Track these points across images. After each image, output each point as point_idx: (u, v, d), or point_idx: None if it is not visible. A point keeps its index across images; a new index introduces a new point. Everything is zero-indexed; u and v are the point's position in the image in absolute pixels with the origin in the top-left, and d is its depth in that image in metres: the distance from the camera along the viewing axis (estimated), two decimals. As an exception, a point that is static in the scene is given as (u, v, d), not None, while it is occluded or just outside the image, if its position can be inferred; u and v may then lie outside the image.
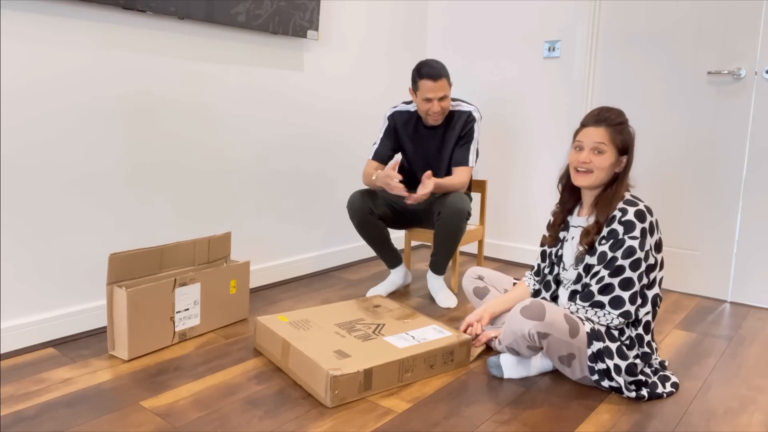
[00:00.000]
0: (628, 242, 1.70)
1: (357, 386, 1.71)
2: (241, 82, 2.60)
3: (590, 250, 1.80)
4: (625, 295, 1.71)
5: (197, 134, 2.47)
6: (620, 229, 1.71)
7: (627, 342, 1.75)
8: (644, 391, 1.74)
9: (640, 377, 1.74)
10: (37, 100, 1.98)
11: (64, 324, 2.13)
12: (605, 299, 1.73)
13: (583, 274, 1.82)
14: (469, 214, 2.47)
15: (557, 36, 3.11)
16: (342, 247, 3.26)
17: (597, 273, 1.75)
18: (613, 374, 1.71)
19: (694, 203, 2.81)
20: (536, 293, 2.03)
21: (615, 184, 1.81)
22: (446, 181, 2.49)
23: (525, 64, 3.25)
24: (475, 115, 2.56)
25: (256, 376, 1.87)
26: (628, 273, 1.70)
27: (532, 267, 2.10)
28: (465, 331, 2.01)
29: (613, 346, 1.72)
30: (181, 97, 2.39)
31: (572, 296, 1.86)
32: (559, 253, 1.95)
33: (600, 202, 1.81)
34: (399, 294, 2.75)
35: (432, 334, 1.98)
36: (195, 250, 2.25)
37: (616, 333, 1.75)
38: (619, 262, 1.70)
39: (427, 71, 2.41)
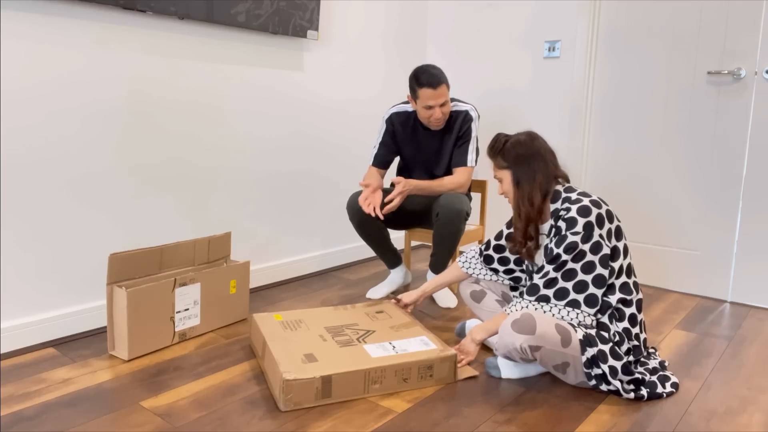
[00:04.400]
0: (570, 238, 1.74)
1: (314, 392, 1.66)
2: (242, 82, 2.60)
3: (544, 249, 1.85)
4: (569, 284, 1.74)
5: (197, 134, 2.47)
6: (563, 225, 1.77)
7: (617, 339, 1.76)
8: (644, 391, 1.74)
9: (637, 375, 1.75)
10: (38, 100, 1.98)
11: (64, 324, 2.13)
12: (550, 292, 1.76)
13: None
14: (468, 215, 2.47)
15: (557, 36, 3.11)
16: (342, 247, 3.26)
17: (542, 268, 1.80)
18: (610, 378, 1.71)
19: (694, 203, 2.81)
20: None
21: (516, 198, 1.88)
22: (432, 182, 2.48)
23: (525, 64, 3.25)
24: (472, 114, 2.56)
25: (256, 376, 1.87)
26: (570, 265, 1.74)
27: (480, 249, 2.12)
28: (402, 305, 2.22)
29: (606, 348, 1.72)
30: (181, 97, 2.39)
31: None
32: (533, 265, 1.96)
33: (513, 220, 1.93)
34: (399, 294, 2.74)
35: (415, 346, 1.87)
36: (195, 250, 2.25)
37: (605, 334, 1.75)
38: (563, 257, 1.74)
39: (427, 79, 2.38)
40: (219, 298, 2.24)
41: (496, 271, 2.09)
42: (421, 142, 2.62)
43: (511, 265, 2.06)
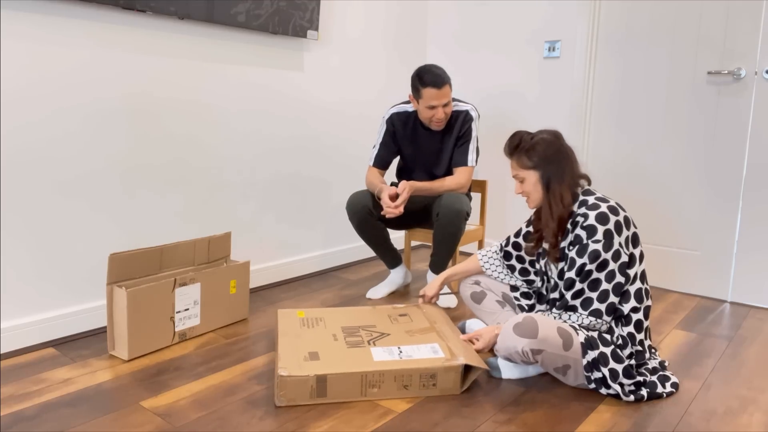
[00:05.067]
0: (592, 246, 1.73)
1: (309, 391, 1.67)
2: (242, 83, 2.61)
3: (562, 258, 1.84)
4: (593, 295, 1.74)
5: (197, 134, 2.47)
6: (583, 234, 1.75)
7: (620, 342, 1.76)
8: (644, 391, 1.74)
9: (639, 378, 1.75)
10: (38, 100, 1.98)
11: (64, 324, 2.13)
12: (577, 302, 1.76)
13: (560, 282, 1.86)
14: (468, 215, 2.47)
15: (557, 36, 3.11)
16: (342, 247, 3.26)
17: (570, 280, 1.79)
18: (610, 382, 1.71)
19: (694, 203, 2.81)
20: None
21: (547, 199, 1.84)
22: (432, 183, 2.49)
23: (525, 64, 3.25)
24: (473, 113, 2.56)
25: (256, 376, 1.87)
26: (595, 275, 1.73)
27: (501, 245, 2.12)
28: (427, 299, 2.25)
29: (608, 351, 1.72)
30: (181, 97, 2.39)
31: (551, 303, 1.90)
32: (547, 266, 1.96)
33: (542, 221, 1.87)
34: (399, 294, 2.75)
35: (423, 353, 1.81)
36: (195, 250, 2.25)
37: (608, 336, 1.75)
38: (588, 266, 1.73)
39: (431, 79, 2.38)
40: (219, 298, 2.24)
41: (512, 268, 2.08)
42: (422, 142, 2.62)
43: (526, 265, 2.06)
